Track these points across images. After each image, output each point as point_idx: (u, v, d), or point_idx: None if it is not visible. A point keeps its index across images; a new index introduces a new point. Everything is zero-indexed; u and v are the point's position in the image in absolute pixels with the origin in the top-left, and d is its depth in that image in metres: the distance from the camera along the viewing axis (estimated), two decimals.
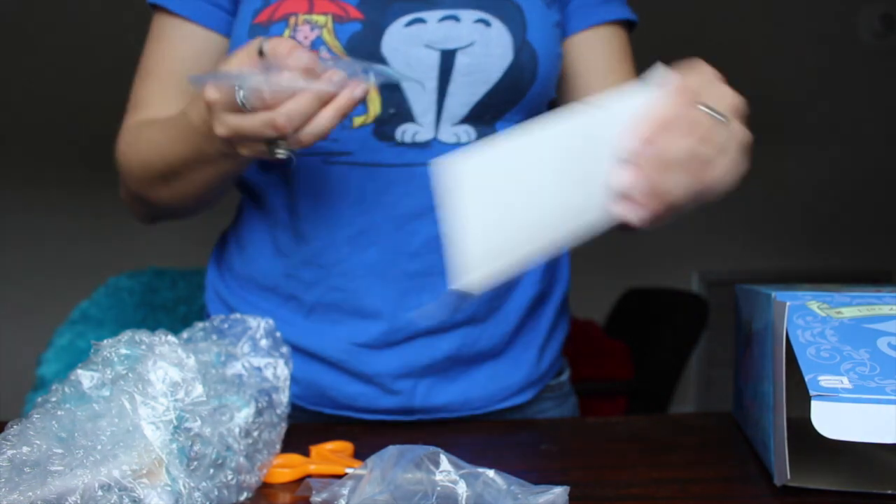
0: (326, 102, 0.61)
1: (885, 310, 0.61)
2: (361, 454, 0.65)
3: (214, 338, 0.64)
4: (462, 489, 0.51)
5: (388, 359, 0.80)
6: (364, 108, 0.76)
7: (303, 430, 0.74)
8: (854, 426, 0.54)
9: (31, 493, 0.46)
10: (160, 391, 0.52)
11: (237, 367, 0.63)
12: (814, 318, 0.60)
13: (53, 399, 0.52)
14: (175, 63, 0.82)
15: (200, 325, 0.65)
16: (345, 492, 0.53)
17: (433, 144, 0.77)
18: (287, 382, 0.66)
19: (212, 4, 0.81)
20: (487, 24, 0.77)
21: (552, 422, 0.86)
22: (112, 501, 0.47)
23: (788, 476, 0.57)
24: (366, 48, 0.75)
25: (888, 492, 0.59)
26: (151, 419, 0.51)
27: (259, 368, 0.64)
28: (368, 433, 0.77)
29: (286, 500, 0.60)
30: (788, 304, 0.59)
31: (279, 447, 0.64)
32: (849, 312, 0.61)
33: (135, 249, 2.42)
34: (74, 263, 2.71)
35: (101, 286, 1.15)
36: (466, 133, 0.78)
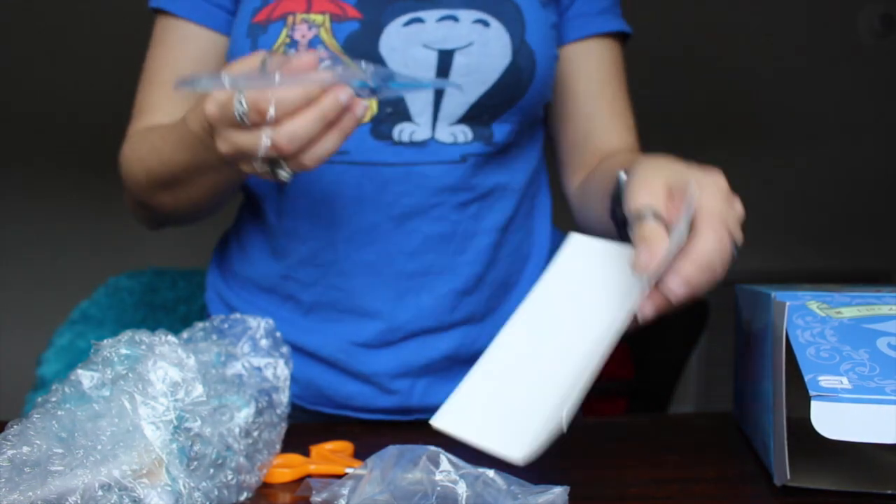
0: (331, 123, 0.58)
1: (885, 310, 0.61)
2: (361, 454, 0.65)
3: (214, 338, 0.64)
4: (462, 489, 0.51)
5: (386, 358, 0.80)
6: None
7: (303, 430, 0.74)
8: (854, 426, 0.55)
9: (32, 493, 0.46)
10: (160, 391, 0.52)
11: (237, 367, 0.63)
12: (813, 318, 0.60)
13: (53, 399, 0.52)
14: (179, 66, 0.82)
15: (200, 325, 0.65)
16: (345, 492, 0.53)
17: (430, 144, 0.77)
18: (287, 382, 0.66)
19: (213, 5, 0.81)
20: (486, 25, 0.77)
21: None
22: (112, 501, 0.47)
23: (788, 476, 0.58)
24: (363, 47, 0.75)
25: (888, 492, 0.59)
26: (151, 419, 0.51)
27: (259, 368, 0.64)
28: (368, 433, 0.77)
29: (286, 500, 0.60)
30: (788, 304, 0.59)
31: (279, 447, 0.64)
32: (848, 312, 0.61)
33: (135, 249, 2.42)
34: (74, 263, 2.71)
35: (101, 286, 1.15)
36: (463, 133, 0.78)
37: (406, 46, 0.76)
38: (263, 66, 0.59)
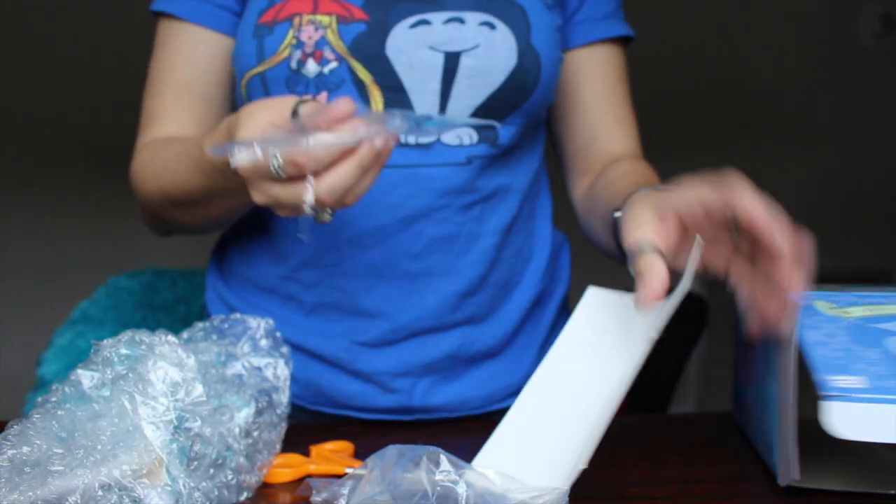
0: (366, 167, 0.57)
1: (892, 309, 0.61)
2: (361, 454, 0.65)
3: (214, 338, 0.64)
4: (462, 489, 0.51)
5: (387, 357, 0.80)
6: (366, 109, 0.76)
7: (303, 430, 0.74)
8: (869, 427, 0.54)
9: (32, 493, 0.46)
10: (160, 391, 0.52)
11: (237, 367, 0.63)
12: (822, 318, 0.60)
13: (53, 399, 0.52)
14: (187, 70, 0.81)
15: (200, 325, 0.65)
16: (345, 492, 0.53)
17: (436, 146, 0.77)
18: (287, 382, 0.66)
19: (219, 7, 0.81)
20: (492, 27, 0.77)
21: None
22: (112, 501, 0.47)
23: (798, 476, 0.57)
24: (370, 49, 0.75)
25: (891, 492, 0.59)
26: (151, 419, 0.51)
27: (259, 368, 0.64)
28: (368, 433, 0.77)
29: (286, 500, 0.60)
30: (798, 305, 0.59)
31: (279, 447, 0.64)
32: (856, 312, 0.60)
33: (135, 249, 2.42)
34: (74, 263, 2.70)
35: (101, 286, 1.15)
36: (469, 135, 0.78)
37: (413, 48, 0.75)
38: (296, 115, 0.57)
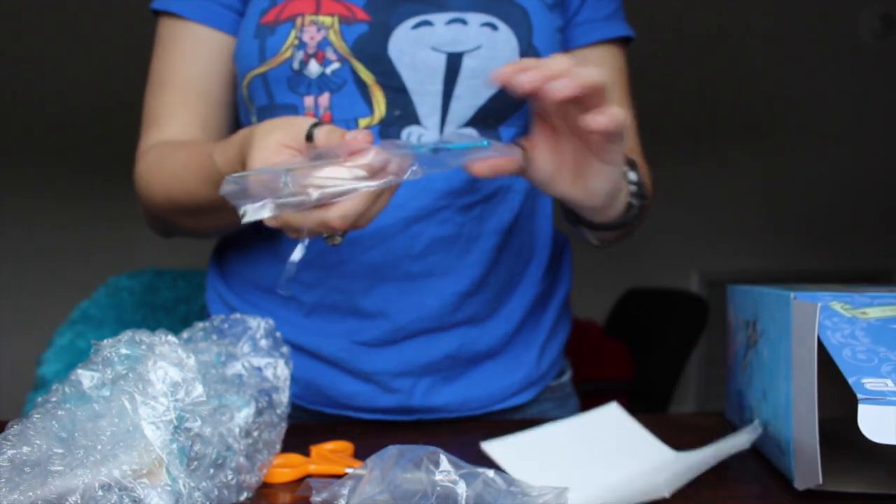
0: (379, 193, 0.57)
1: None
2: (361, 454, 0.65)
3: (214, 338, 0.64)
4: (462, 489, 0.51)
5: (388, 357, 0.80)
6: (369, 111, 0.76)
7: (303, 430, 0.74)
8: None
9: (32, 493, 0.46)
10: (160, 391, 0.52)
11: (237, 367, 0.63)
12: (840, 319, 0.59)
13: (53, 399, 0.52)
14: (189, 70, 0.81)
15: (200, 325, 0.65)
16: (345, 492, 0.53)
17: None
18: (287, 382, 0.66)
19: (221, 6, 0.81)
20: (494, 28, 0.77)
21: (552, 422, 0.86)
22: (112, 501, 0.47)
23: (820, 480, 0.56)
24: (372, 50, 0.75)
25: None
26: (151, 419, 0.51)
27: (259, 368, 0.64)
28: (368, 433, 0.77)
29: (286, 500, 0.60)
30: (820, 306, 0.58)
31: (279, 447, 0.64)
32: (873, 313, 0.60)
33: (135, 249, 2.42)
34: (74, 263, 2.71)
35: (101, 286, 1.15)
36: (470, 136, 0.78)
37: (415, 49, 0.75)
38: (310, 138, 0.57)
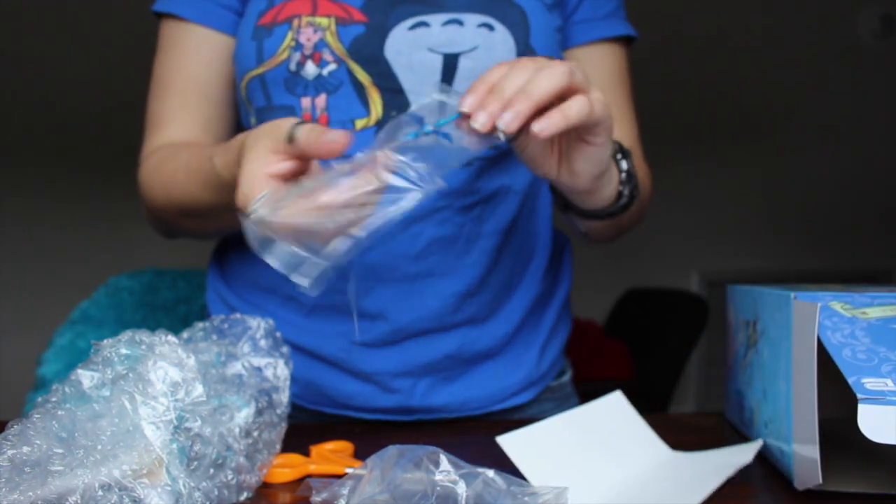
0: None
1: None
2: (361, 454, 0.65)
3: (214, 338, 0.64)
4: (462, 489, 0.51)
5: (387, 357, 0.80)
6: (366, 112, 0.76)
7: (303, 430, 0.74)
8: None
9: (32, 493, 0.46)
10: (160, 391, 0.52)
11: (237, 367, 0.63)
12: (840, 319, 0.59)
13: (53, 399, 0.52)
14: (191, 72, 0.81)
15: (200, 325, 0.65)
16: (345, 492, 0.53)
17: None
18: (287, 382, 0.66)
19: (222, 7, 0.81)
20: (491, 29, 0.77)
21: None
22: (112, 501, 0.47)
23: (820, 481, 0.56)
24: (369, 51, 0.75)
25: None
26: (151, 419, 0.51)
27: (259, 368, 0.64)
28: (368, 433, 0.77)
29: (286, 500, 0.60)
30: (819, 306, 0.58)
31: (279, 447, 0.64)
32: (873, 313, 0.60)
33: (135, 249, 2.42)
34: (74, 263, 2.71)
35: (101, 286, 1.15)
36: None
37: (411, 50, 0.75)
38: (292, 140, 0.56)
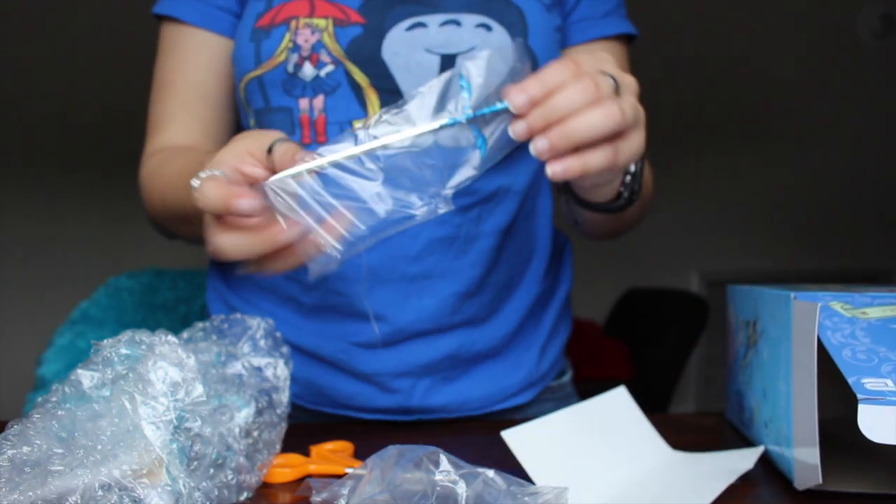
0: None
1: None
2: (361, 454, 0.65)
3: (214, 338, 0.64)
4: (462, 489, 0.51)
5: (387, 358, 0.80)
6: (364, 113, 0.76)
7: (303, 430, 0.74)
8: None
9: (32, 493, 0.46)
10: (160, 391, 0.52)
11: (237, 367, 0.63)
12: (840, 319, 0.59)
13: (53, 399, 0.52)
14: (191, 74, 0.82)
15: (200, 325, 0.65)
16: (345, 492, 0.53)
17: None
18: (287, 382, 0.66)
19: (221, 10, 0.81)
20: (489, 29, 0.77)
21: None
22: (112, 501, 0.47)
23: (819, 481, 0.56)
24: (366, 52, 0.75)
25: None
26: (151, 419, 0.51)
27: (259, 368, 0.64)
28: (368, 433, 0.77)
29: (286, 500, 0.60)
30: (820, 306, 0.58)
31: (279, 447, 0.64)
32: (874, 313, 0.60)
33: (135, 249, 2.42)
34: (74, 263, 2.71)
35: (101, 286, 1.15)
36: (467, 138, 0.78)
37: (409, 51, 0.75)
38: (270, 151, 0.55)
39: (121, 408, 0.50)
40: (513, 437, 0.61)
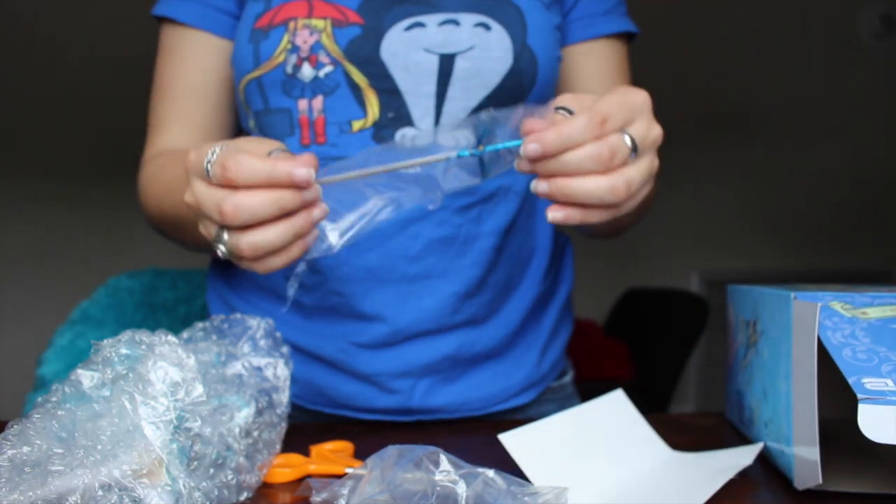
0: (299, 234, 0.55)
1: None
2: (361, 454, 0.65)
3: (214, 338, 0.64)
4: (462, 489, 0.51)
5: (387, 358, 0.80)
6: (363, 113, 0.76)
7: (303, 430, 0.74)
8: None
9: (32, 493, 0.46)
10: (160, 391, 0.52)
11: (237, 367, 0.63)
12: (840, 319, 0.59)
13: (53, 399, 0.52)
14: (190, 76, 0.82)
15: (200, 325, 0.65)
16: (345, 492, 0.53)
17: (432, 148, 0.77)
18: (287, 382, 0.66)
19: (220, 11, 0.81)
20: (487, 28, 0.77)
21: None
22: (112, 501, 0.47)
23: (820, 481, 0.56)
24: (365, 52, 0.75)
25: None
26: (151, 419, 0.51)
27: (259, 368, 0.64)
28: (368, 433, 0.77)
29: (286, 500, 0.60)
30: (820, 306, 0.58)
31: (279, 447, 0.64)
32: (874, 313, 0.60)
33: (135, 249, 2.42)
34: (74, 264, 2.71)
35: (101, 286, 1.15)
36: (465, 137, 0.78)
37: (407, 51, 0.75)
38: (269, 154, 0.55)
39: (121, 408, 0.50)
40: (510, 440, 0.61)
